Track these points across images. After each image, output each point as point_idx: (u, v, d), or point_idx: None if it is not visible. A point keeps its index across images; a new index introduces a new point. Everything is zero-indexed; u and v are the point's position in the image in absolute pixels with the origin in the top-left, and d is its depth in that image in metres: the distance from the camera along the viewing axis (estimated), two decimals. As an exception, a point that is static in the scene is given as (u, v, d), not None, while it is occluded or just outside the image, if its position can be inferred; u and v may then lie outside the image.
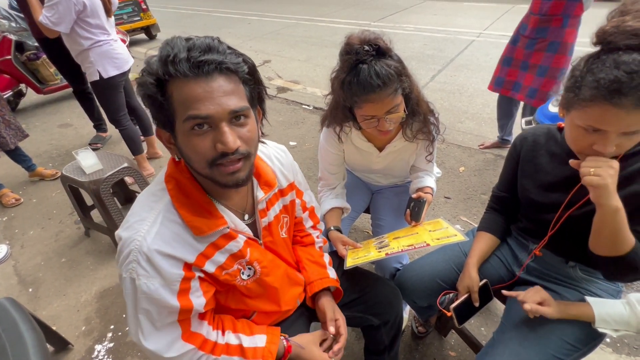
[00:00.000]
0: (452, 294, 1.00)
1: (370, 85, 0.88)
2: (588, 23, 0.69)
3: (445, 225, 1.01)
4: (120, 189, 2.29)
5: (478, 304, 0.95)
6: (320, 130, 1.23)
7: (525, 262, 1.00)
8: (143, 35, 6.95)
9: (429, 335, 1.44)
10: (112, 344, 1.52)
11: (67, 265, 1.95)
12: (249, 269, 0.77)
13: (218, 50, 0.57)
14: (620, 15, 0.65)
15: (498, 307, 1.53)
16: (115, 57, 2.22)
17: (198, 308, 0.68)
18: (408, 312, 1.52)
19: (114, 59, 2.21)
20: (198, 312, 0.70)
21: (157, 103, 0.57)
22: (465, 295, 0.95)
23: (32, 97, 4.20)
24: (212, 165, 0.60)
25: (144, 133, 2.80)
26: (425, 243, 0.93)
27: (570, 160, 0.76)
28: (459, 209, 2.11)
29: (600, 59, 0.66)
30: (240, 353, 0.75)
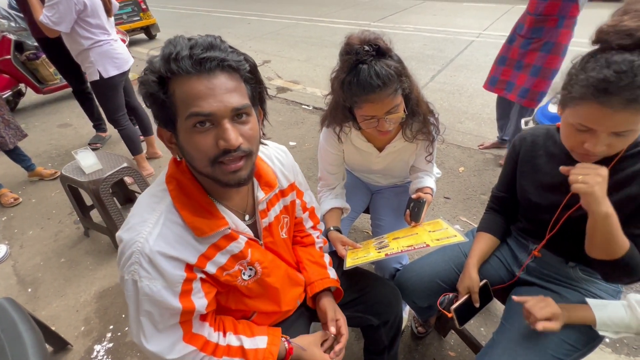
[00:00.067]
0: (451, 295, 1.00)
1: (370, 86, 0.88)
2: (588, 23, 0.69)
3: (445, 226, 1.01)
4: (120, 189, 2.29)
5: (478, 305, 0.95)
6: (320, 131, 1.23)
7: (525, 262, 1.00)
8: (143, 35, 6.95)
9: (429, 336, 1.45)
10: (111, 344, 1.52)
11: (66, 266, 1.94)
12: (250, 270, 0.77)
13: (220, 48, 0.57)
14: (621, 15, 0.65)
15: (498, 307, 1.53)
16: (116, 57, 2.22)
17: (200, 309, 0.68)
18: (408, 312, 1.52)
19: (115, 59, 2.21)
20: (200, 313, 0.70)
21: (159, 101, 0.57)
22: (466, 296, 0.95)
23: (31, 96, 4.19)
24: (214, 163, 0.60)
25: (144, 133, 2.80)
26: (425, 244, 0.93)
27: (561, 167, 0.76)
28: (459, 209, 2.11)
29: (595, 58, 0.66)
30: (242, 354, 0.75)
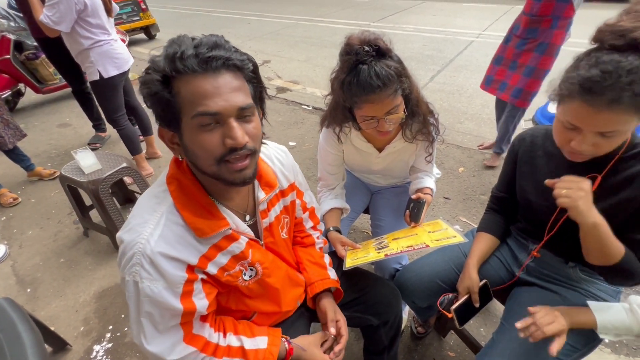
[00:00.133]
0: (451, 295, 1.00)
1: (370, 86, 0.88)
2: (587, 23, 0.70)
3: (445, 227, 1.01)
4: (119, 189, 2.29)
5: (478, 305, 0.95)
6: (320, 131, 1.23)
7: (525, 262, 1.00)
8: (142, 35, 6.94)
9: (428, 336, 1.45)
10: (110, 345, 1.52)
11: (65, 266, 1.94)
12: (251, 270, 0.77)
13: (225, 47, 0.57)
14: (623, 15, 0.65)
15: (498, 307, 1.53)
16: (116, 57, 2.21)
17: (201, 310, 0.68)
18: (407, 312, 1.52)
19: (115, 59, 2.21)
20: (201, 314, 0.70)
21: (163, 101, 0.57)
22: (466, 296, 0.95)
23: (30, 96, 4.18)
24: (220, 162, 0.60)
25: (144, 133, 2.80)
26: (425, 244, 0.93)
27: (546, 181, 0.77)
28: (458, 210, 2.11)
29: (589, 56, 0.67)
30: (242, 355, 0.75)
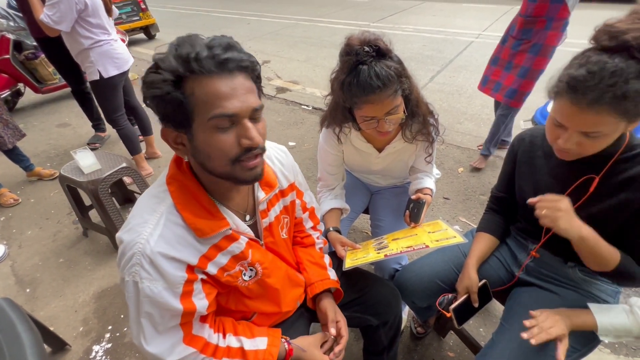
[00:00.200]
0: (451, 295, 1.00)
1: (370, 87, 0.88)
2: (592, 24, 0.70)
3: (445, 227, 1.01)
4: (119, 189, 2.29)
5: (477, 305, 0.95)
6: (320, 131, 1.23)
7: (524, 262, 1.00)
8: (142, 35, 6.94)
9: (428, 336, 1.45)
10: (109, 345, 1.51)
11: (65, 266, 1.94)
12: (251, 270, 0.77)
13: (237, 49, 0.58)
14: (626, 16, 0.65)
15: (497, 307, 1.53)
16: (116, 57, 2.21)
17: (201, 310, 0.68)
18: (407, 312, 1.52)
19: (115, 59, 2.21)
20: (200, 314, 0.70)
21: (174, 101, 0.55)
22: (465, 296, 0.95)
23: (30, 96, 4.17)
24: (234, 162, 0.61)
25: (143, 133, 2.79)
26: (425, 245, 0.93)
27: (529, 200, 0.81)
28: (458, 210, 2.11)
29: (582, 56, 0.68)
30: (242, 356, 0.75)
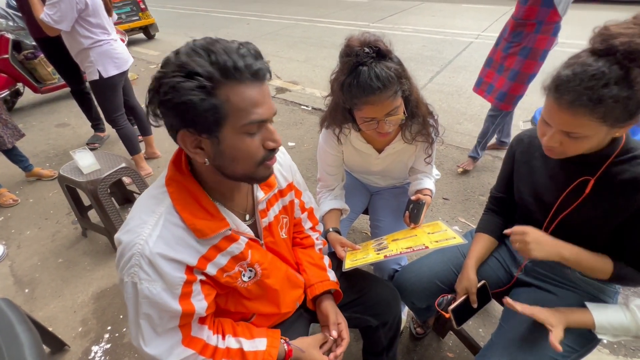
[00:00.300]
0: (450, 296, 1.00)
1: (370, 88, 0.88)
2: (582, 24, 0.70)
3: (444, 228, 1.01)
4: (118, 189, 2.28)
5: (476, 306, 0.96)
6: (319, 132, 1.23)
7: (523, 263, 1.01)
8: (142, 35, 6.94)
9: (427, 337, 1.45)
10: (109, 345, 1.51)
11: (63, 266, 1.93)
12: (250, 271, 0.77)
13: (262, 56, 0.60)
14: (625, 21, 0.65)
15: (496, 308, 1.53)
16: (116, 56, 2.22)
17: (200, 312, 0.68)
18: (406, 313, 1.52)
19: (115, 59, 2.21)
20: (199, 315, 0.70)
21: (208, 108, 0.54)
22: (464, 297, 0.95)
23: (29, 96, 4.16)
24: (260, 164, 0.64)
25: (143, 133, 2.79)
26: (424, 245, 0.93)
27: (504, 231, 0.89)
28: (457, 210, 2.12)
29: (575, 56, 0.68)
30: (241, 357, 0.75)
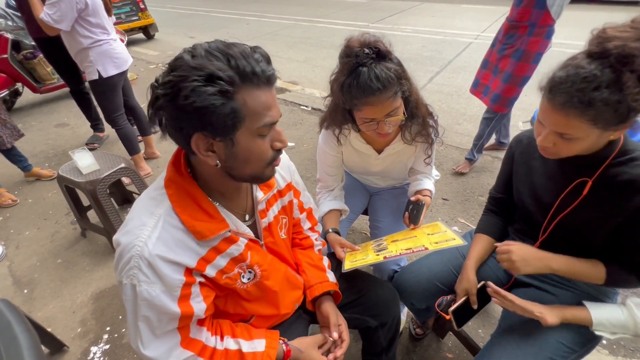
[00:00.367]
0: (449, 297, 1.00)
1: (370, 89, 0.88)
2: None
3: (444, 229, 1.01)
4: (118, 190, 2.28)
5: (476, 306, 0.95)
6: (319, 132, 1.23)
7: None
8: (141, 35, 6.93)
9: (427, 337, 1.45)
10: (107, 346, 1.51)
11: (62, 266, 1.93)
12: (249, 272, 0.77)
13: (271, 61, 0.61)
14: (622, 24, 0.65)
15: (496, 309, 1.53)
16: (115, 56, 2.22)
17: (199, 314, 0.68)
18: (406, 314, 1.52)
19: (114, 59, 2.21)
20: (198, 317, 0.70)
21: (227, 111, 0.55)
22: (464, 298, 0.95)
23: (28, 96, 4.16)
24: (269, 164, 0.66)
25: (142, 133, 2.79)
26: (424, 247, 0.93)
27: (496, 243, 0.93)
28: (457, 211, 2.12)
29: (572, 57, 0.69)
30: (240, 358, 0.75)
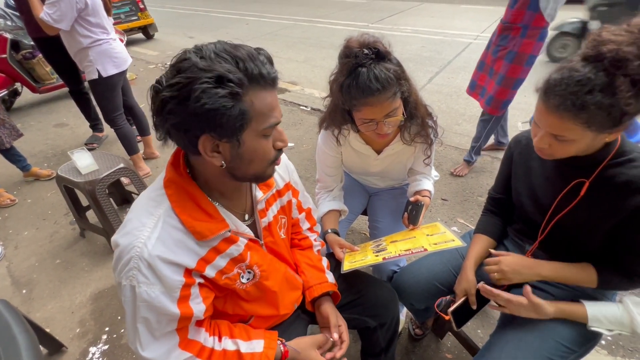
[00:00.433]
0: (449, 297, 1.00)
1: (369, 89, 0.88)
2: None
3: (443, 230, 1.01)
4: (117, 190, 2.28)
5: (475, 307, 0.95)
6: (318, 133, 1.23)
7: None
8: (140, 35, 6.93)
9: (426, 338, 1.45)
10: (106, 347, 1.51)
11: (61, 267, 1.93)
12: (249, 273, 0.77)
13: (273, 63, 0.62)
14: (618, 27, 0.65)
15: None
16: (115, 56, 2.22)
17: (198, 315, 0.68)
18: (405, 314, 1.52)
19: (114, 58, 2.22)
20: (197, 319, 0.70)
21: (237, 112, 0.55)
22: (463, 298, 0.95)
23: (27, 96, 4.15)
24: (272, 163, 0.67)
25: (141, 133, 2.79)
26: (423, 248, 0.93)
27: (491, 250, 0.97)
28: (456, 211, 2.12)
29: (568, 60, 0.69)
30: (238, 359, 0.75)
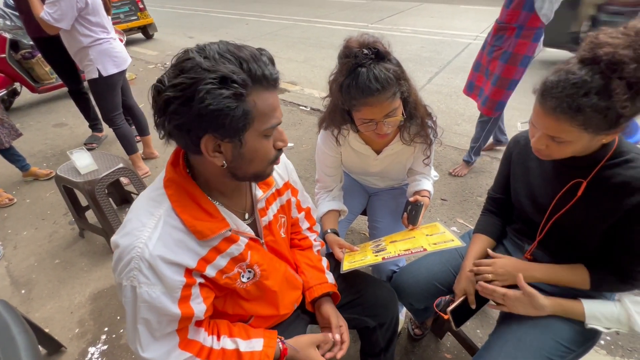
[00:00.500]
0: (448, 297, 1.00)
1: (369, 89, 0.88)
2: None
3: (442, 230, 1.01)
4: (116, 190, 2.28)
5: (474, 307, 0.96)
6: (318, 133, 1.23)
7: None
8: (140, 35, 6.92)
9: (425, 338, 1.45)
10: (105, 347, 1.50)
11: (60, 267, 1.92)
12: (249, 272, 0.77)
13: (275, 63, 0.62)
14: (616, 29, 0.65)
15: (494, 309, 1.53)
16: (115, 55, 2.22)
17: (198, 315, 0.68)
18: (404, 314, 1.53)
19: (114, 58, 2.22)
20: (198, 319, 0.70)
21: (241, 113, 0.56)
22: (462, 298, 0.95)
23: (26, 96, 4.15)
24: (272, 162, 0.67)
25: (140, 133, 2.78)
26: (422, 248, 0.93)
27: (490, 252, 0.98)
28: (456, 211, 2.12)
29: (565, 62, 0.69)
30: (237, 357, 0.75)
